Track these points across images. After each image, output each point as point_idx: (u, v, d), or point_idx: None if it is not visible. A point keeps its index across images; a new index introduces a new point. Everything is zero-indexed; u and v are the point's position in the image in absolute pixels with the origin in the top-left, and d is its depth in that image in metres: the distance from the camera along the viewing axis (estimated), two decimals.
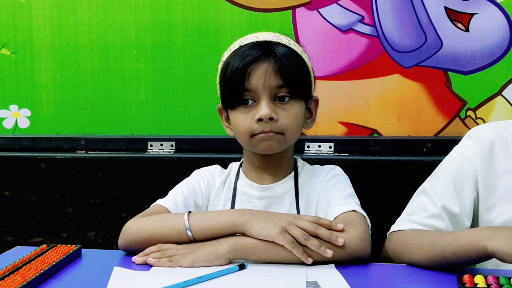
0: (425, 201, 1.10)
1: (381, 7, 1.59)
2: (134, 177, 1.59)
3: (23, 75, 1.76)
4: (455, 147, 1.15)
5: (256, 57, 1.09)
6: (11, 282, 0.85)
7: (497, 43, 1.56)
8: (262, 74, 1.08)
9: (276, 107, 1.10)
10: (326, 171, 1.20)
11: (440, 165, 1.15)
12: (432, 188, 1.10)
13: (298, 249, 0.93)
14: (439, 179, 1.11)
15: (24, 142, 1.71)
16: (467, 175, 1.08)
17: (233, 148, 1.50)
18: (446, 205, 1.06)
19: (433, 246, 0.92)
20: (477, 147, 1.08)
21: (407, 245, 0.99)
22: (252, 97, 1.10)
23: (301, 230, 0.94)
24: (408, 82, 1.60)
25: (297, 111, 1.12)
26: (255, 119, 1.09)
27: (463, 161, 1.09)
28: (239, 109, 1.12)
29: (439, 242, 0.92)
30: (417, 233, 1.01)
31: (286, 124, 1.10)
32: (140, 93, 1.72)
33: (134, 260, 1.00)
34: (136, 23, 1.70)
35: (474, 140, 1.09)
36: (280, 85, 1.09)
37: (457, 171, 1.09)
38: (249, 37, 1.15)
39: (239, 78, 1.09)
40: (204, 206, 1.21)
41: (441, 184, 1.09)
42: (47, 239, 1.64)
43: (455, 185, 1.08)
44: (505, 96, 1.57)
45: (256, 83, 1.08)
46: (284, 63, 1.09)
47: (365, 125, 1.64)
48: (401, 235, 1.05)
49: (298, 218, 0.98)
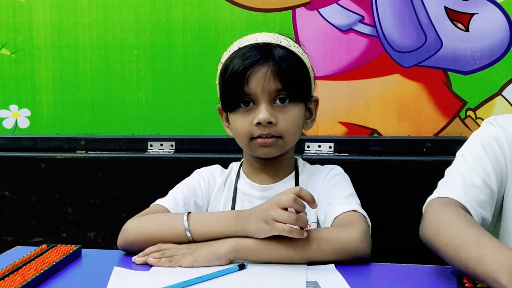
0: (462, 175, 1.02)
1: (381, 7, 1.59)
2: (134, 177, 1.59)
3: (23, 75, 1.76)
4: (473, 134, 1.08)
5: (255, 61, 1.08)
6: (11, 282, 0.85)
7: (497, 43, 1.56)
8: (261, 78, 1.08)
9: (275, 111, 1.10)
10: (326, 171, 1.20)
11: (460, 153, 1.07)
12: (465, 165, 1.03)
13: (292, 232, 0.92)
14: (471, 156, 1.04)
15: (24, 142, 1.71)
16: (497, 155, 1.02)
17: (233, 148, 1.49)
18: (485, 179, 1.00)
19: (457, 253, 0.87)
20: (502, 132, 1.03)
21: (438, 233, 0.93)
22: (252, 100, 1.10)
23: (286, 213, 0.92)
24: (408, 82, 1.60)
25: (296, 114, 1.12)
26: (254, 123, 1.09)
27: (490, 143, 1.03)
28: (238, 112, 1.12)
29: (464, 252, 0.86)
30: (450, 223, 0.93)
31: (285, 127, 1.11)
32: (140, 93, 1.72)
33: (134, 260, 1.00)
34: (136, 23, 1.70)
35: (497, 126, 1.04)
36: (279, 89, 1.09)
37: (488, 149, 1.02)
38: (248, 39, 1.14)
39: (238, 82, 1.08)
40: (204, 206, 1.21)
41: (475, 160, 1.02)
42: (47, 239, 1.64)
43: (491, 161, 1.01)
44: (505, 96, 1.57)
45: (255, 87, 1.08)
46: (283, 66, 1.09)
47: (365, 125, 1.64)
48: (438, 216, 0.97)
49: (279, 201, 0.94)
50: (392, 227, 1.49)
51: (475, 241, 0.86)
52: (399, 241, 1.50)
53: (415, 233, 1.49)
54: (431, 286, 0.88)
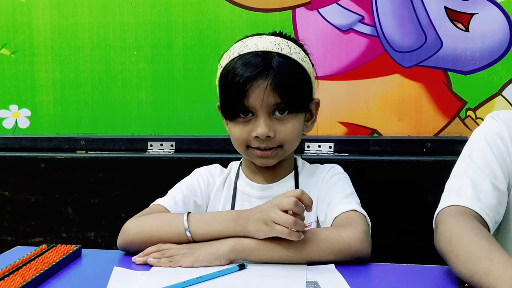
0: (471, 179, 1.01)
1: (381, 7, 1.59)
2: (134, 177, 1.59)
3: (23, 75, 1.77)
4: (476, 130, 1.07)
5: (254, 75, 1.07)
6: (11, 282, 0.85)
7: (497, 43, 1.56)
8: (261, 92, 1.07)
9: (273, 123, 1.10)
10: (326, 170, 1.20)
11: (466, 152, 1.06)
12: (473, 167, 1.02)
13: (293, 235, 0.92)
14: (478, 155, 1.02)
15: (24, 142, 1.71)
16: (502, 153, 1.01)
17: (233, 148, 1.49)
18: (494, 181, 0.99)
19: (465, 264, 0.87)
20: (505, 129, 1.02)
21: (450, 243, 0.92)
22: (251, 111, 1.10)
23: (285, 216, 0.93)
24: (408, 82, 1.60)
25: (295, 125, 1.12)
26: (252, 135, 1.09)
27: (495, 140, 1.02)
28: (237, 121, 1.12)
29: (472, 264, 0.85)
30: (462, 235, 0.92)
31: (284, 138, 1.11)
32: (140, 93, 1.72)
33: (134, 260, 1.00)
34: (136, 23, 1.70)
35: (500, 122, 1.03)
36: (278, 103, 1.08)
37: (493, 147, 1.02)
38: (248, 45, 1.12)
39: (238, 95, 1.08)
40: (204, 205, 1.21)
41: (482, 161, 1.01)
42: (47, 239, 1.64)
43: (498, 160, 1.00)
44: (505, 96, 1.57)
45: (254, 101, 1.08)
46: (282, 79, 1.08)
47: (365, 125, 1.64)
48: (450, 227, 0.95)
49: (279, 203, 0.95)
50: (392, 227, 1.49)
51: (485, 255, 0.85)
52: (399, 241, 1.50)
53: (415, 233, 1.49)
54: (431, 286, 0.88)
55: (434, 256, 0.97)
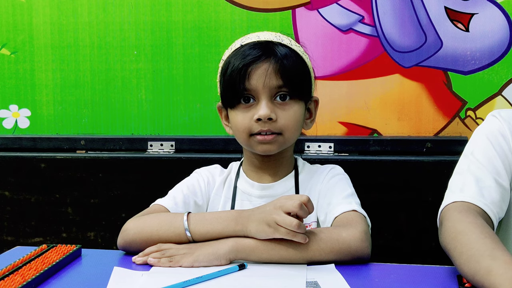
0: (474, 175, 1.01)
1: (381, 7, 1.59)
2: (134, 177, 1.59)
3: (23, 75, 1.77)
4: (478, 128, 1.07)
5: (257, 57, 1.09)
6: (11, 282, 0.85)
7: (497, 43, 1.56)
8: (262, 74, 1.08)
9: (275, 107, 1.10)
10: (326, 171, 1.20)
11: (468, 150, 1.06)
12: (476, 164, 1.02)
13: (297, 236, 0.93)
14: (481, 153, 1.03)
15: (24, 142, 1.71)
16: (504, 150, 1.02)
17: (233, 148, 1.50)
18: (496, 178, 1.00)
19: (468, 262, 0.86)
20: (506, 127, 1.03)
21: (455, 240, 0.92)
22: (252, 96, 1.10)
23: (289, 218, 0.93)
24: (408, 82, 1.60)
25: (296, 111, 1.12)
26: (254, 119, 1.09)
27: (497, 138, 1.02)
28: (239, 108, 1.12)
29: (474, 262, 0.85)
30: (466, 232, 0.91)
31: (285, 124, 1.11)
32: (140, 93, 1.72)
33: (134, 260, 1.00)
34: (136, 23, 1.70)
35: (501, 120, 1.04)
36: (280, 85, 1.09)
37: (495, 144, 1.02)
38: (250, 37, 1.15)
39: (239, 78, 1.09)
40: (204, 205, 1.21)
41: (485, 158, 1.02)
42: (47, 239, 1.64)
43: (500, 157, 1.01)
44: (505, 96, 1.57)
45: (256, 83, 1.09)
46: (284, 63, 1.09)
47: (365, 125, 1.64)
48: (455, 223, 0.95)
49: (283, 205, 0.95)
50: (392, 227, 1.49)
51: (488, 253, 0.84)
52: (399, 241, 1.50)
53: (415, 233, 1.49)
54: (431, 286, 0.88)
55: (434, 256, 0.97)
